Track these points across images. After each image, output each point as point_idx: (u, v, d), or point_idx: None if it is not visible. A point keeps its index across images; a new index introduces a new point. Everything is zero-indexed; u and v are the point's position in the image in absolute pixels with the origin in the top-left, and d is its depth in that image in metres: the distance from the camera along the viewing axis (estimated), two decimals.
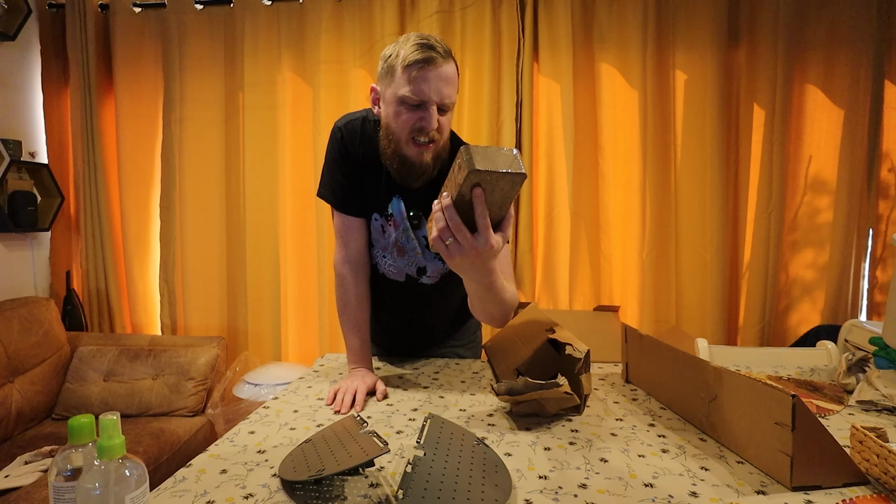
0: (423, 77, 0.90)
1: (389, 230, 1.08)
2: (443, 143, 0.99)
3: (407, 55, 0.90)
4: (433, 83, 0.90)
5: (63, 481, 0.54)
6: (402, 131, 0.95)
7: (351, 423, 0.78)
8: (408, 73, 0.90)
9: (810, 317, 2.14)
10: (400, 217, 1.06)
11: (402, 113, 0.93)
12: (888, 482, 0.64)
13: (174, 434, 1.89)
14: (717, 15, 2.06)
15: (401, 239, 1.08)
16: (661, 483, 0.68)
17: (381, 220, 1.08)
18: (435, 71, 0.90)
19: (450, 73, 0.92)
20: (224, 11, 2.33)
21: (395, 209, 1.06)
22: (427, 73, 0.90)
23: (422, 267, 1.11)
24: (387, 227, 1.08)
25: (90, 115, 2.38)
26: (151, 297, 2.50)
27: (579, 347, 0.90)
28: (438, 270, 1.12)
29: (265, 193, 2.34)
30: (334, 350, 2.22)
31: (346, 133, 1.05)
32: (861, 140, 2.03)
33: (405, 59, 0.90)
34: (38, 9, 2.39)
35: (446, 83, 0.92)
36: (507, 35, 2.15)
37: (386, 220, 1.08)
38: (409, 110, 0.93)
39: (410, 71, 0.90)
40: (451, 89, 0.93)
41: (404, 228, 1.06)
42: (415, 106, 0.92)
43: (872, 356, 1.09)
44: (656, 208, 2.15)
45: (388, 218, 1.07)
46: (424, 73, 0.90)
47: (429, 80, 0.90)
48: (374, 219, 1.09)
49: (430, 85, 0.90)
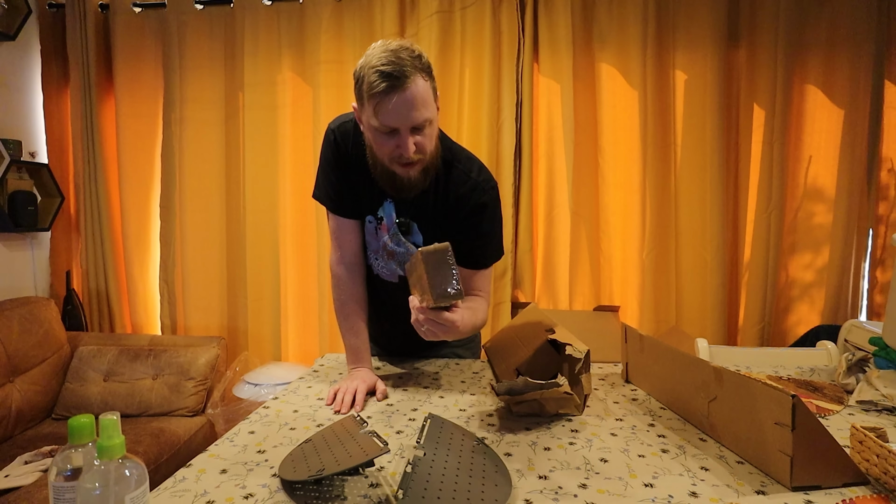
0: (389, 106, 0.85)
1: (381, 233, 1.08)
2: (430, 157, 0.96)
3: (371, 83, 0.85)
4: (401, 111, 0.86)
5: (63, 481, 0.54)
6: (384, 156, 0.94)
7: (351, 423, 0.78)
8: (373, 104, 0.87)
9: (810, 317, 2.14)
10: (390, 221, 1.06)
11: (378, 139, 0.91)
12: (888, 482, 0.64)
13: (174, 434, 1.89)
14: (717, 15, 2.06)
15: (390, 243, 1.08)
16: (661, 483, 0.68)
17: (375, 223, 1.08)
18: (401, 97, 0.85)
19: (418, 92, 0.86)
20: (224, 11, 2.33)
21: (386, 213, 1.06)
22: (392, 101, 0.85)
23: None
24: (379, 230, 1.08)
25: (90, 115, 2.37)
26: (151, 297, 2.50)
27: (579, 347, 0.90)
28: None
29: (265, 193, 2.34)
30: (334, 350, 2.22)
31: (339, 135, 1.04)
32: (861, 140, 2.03)
33: (369, 87, 0.85)
34: (38, 9, 2.38)
35: (414, 106, 0.86)
36: (507, 35, 2.15)
37: (378, 224, 1.08)
38: (384, 138, 0.90)
39: (374, 101, 0.86)
40: (422, 110, 0.87)
41: (393, 233, 1.06)
42: (388, 133, 0.90)
43: (872, 356, 1.09)
44: (656, 208, 2.15)
45: (380, 221, 1.07)
46: (389, 101, 0.85)
47: (395, 108, 0.85)
48: (368, 221, 1.09)
49: (398, 113, 0.86)
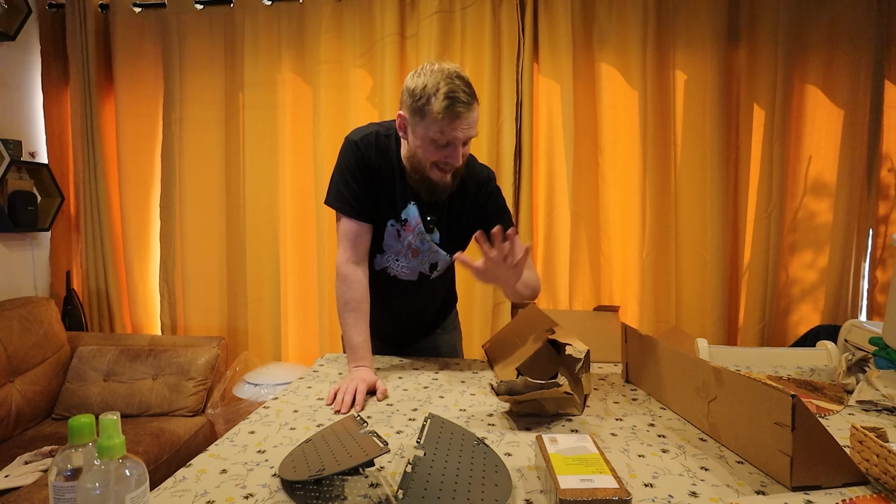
0: (455, 125, 1.01)
1: (405, 234, 1.17)
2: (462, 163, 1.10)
3: (440, 109, 0.99)
4: (460, 131, 1.02)
5: (63, 481, 0.54)
6: (428, 161, 1.07)
7: (351, 423, 0.78)
8: (439, 124, 1.00)
9: (810, 317, 2.14)
10: (415, 222, 1.16)
11: (430, 148, 1.04)
12: (888, 482, 0.64)
13: (174, 434, 1.89)
14: (717, 15, 2.06)
15: (415, 242, 1.17)
16: (661, 483, 0.68)
17: (397, 226, 1.17)
18: (464, 119, 1.01)
19: (474, 117, 1.03)
20: (224, 11, 2.33)
21: (411, 215, 1.16)
22: (458, 122, 1.01)
23: (434, 263, 1.22)
24: (402, 231, 1.17)
25: (90, 115, 2.37)
26: (151, 297, 2.50)
27: (579, 347, 0.90)
28: (446, 263, 1.24)
29: (265, 193, 2.34)
30: (334, 350, 2.22)
31: (363, 146, 1.13)
32: (861, 140, 2.03)
33: (438, 112, 0.99)
34: (38, 9, 2.38)
35: (470, 126, 1.03)
36: (507, 35, 2.15)
37: (402, 226, 1.16)
38: (436, 148, 1.04)
39: (443, 123, 1.00)
40: (474, 128, 1.05)
41: (419, 232, 1.16)
42: (443, 145, 1.03)
43: (872, 356, 1.09)
44: (656, 208, 2.15)
45: (403, 223, 1.16)
46: (455, 122, 1.00)
47: (458, 127, 1.01)
48: (390, 224, 1.17)
49: (459, 131, 1.02)
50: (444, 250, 1.20)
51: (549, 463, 0.65)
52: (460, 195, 1.18)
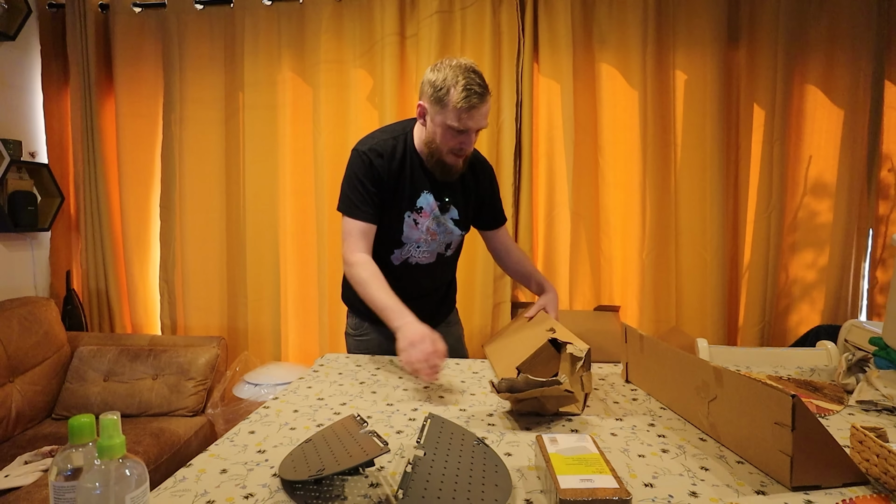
0: (472, 115, 1.15)
1: (422, 221, 1.28)
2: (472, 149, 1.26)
3: (459, 100, 1.12)
4: (477, 119, 1.16)
5: (63, 481, 0.54)
6: (445, 147, 1.20)
7: (351, 423, 0.78)
8: (457, 113, 1.14)
9: (810, 317, 2.14)
10: (430, 208, 1.28)
11: (448, 135, 1.18)
12: (888, 482, 0.64)
13: (174, 434, 1.89)
14: (717, 15, 2.06)
15: (433, 225, 1.29)
16: (661, 483, 0.68)
17: (413, 216, 1.27)
18: (479, 110, 1.15)
19: (487, 108, 1.17)
20: (224, 11, 2.33)
21: (425, 202, 1.27)
22: (475, 112, 1.15)
23: (448, 243, 1.35)
24: (419, 219, 1.28)
25: (90, 115, 2.37)
26: (151, 297, 2.49)
27: (580, 346, 0.90)
28: (458, 242, 1.39)
29: (265, 193, 2.34)
30: (334, 350, 2.22)
31: (372, 156, 1.23)
32: (861, 140, 2.03)
33: (457, 102, 1.13)
34: (38, 9, 2.38)
35: (484, 116, 1.18)
36: (507, 35, 2.15)
37: (418, 214, 1.27)
38: (453, 134, 1.17)
39: (461, 112, 1.14)
40: (485, 120, 1.19)
41: (434, 216, 1.29)
42: (460, 132, 1.17)
43: (872, 356, 1.09)
44: (656, 208, 2.15)
45: (419, 211, 1.28)
46: (473, 112, 1.14)
47: (474, 117, 1.15)
48: (407, 216, 1.27)
49: (476, 120, 1.16)
50: (461, 225, 1.34)
51: (549, 463, 0.65)
52: (471, 174, 1.35)
